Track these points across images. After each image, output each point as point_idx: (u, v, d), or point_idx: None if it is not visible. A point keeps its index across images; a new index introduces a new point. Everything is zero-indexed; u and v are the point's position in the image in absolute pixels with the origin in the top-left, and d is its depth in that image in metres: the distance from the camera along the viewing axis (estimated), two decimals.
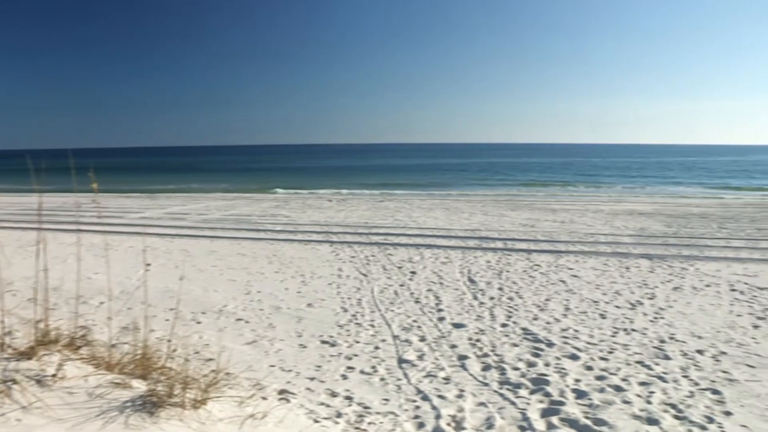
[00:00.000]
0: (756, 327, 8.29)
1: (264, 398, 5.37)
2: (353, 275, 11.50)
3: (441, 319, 8.52)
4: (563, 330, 8.04)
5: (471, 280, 11.06)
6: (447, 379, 6.23)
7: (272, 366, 6.58)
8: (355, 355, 6.99)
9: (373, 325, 8.18)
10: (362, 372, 6.45)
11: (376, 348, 7.26)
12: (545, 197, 34.93)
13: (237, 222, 20.32)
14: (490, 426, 5.15)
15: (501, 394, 5.84)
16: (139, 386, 4.31)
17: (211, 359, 6.15)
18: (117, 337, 5.36)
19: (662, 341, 7.60)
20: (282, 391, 5.79)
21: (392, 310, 8.95)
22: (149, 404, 4.06)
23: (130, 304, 8.49)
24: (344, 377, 6.29)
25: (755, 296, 10.07)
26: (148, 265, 12.17)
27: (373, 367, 6.61)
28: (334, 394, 5.81)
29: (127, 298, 8.95)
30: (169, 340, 5.07)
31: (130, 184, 47.02)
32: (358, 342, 7.49)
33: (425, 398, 5.72)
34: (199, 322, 8.27)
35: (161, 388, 4.19)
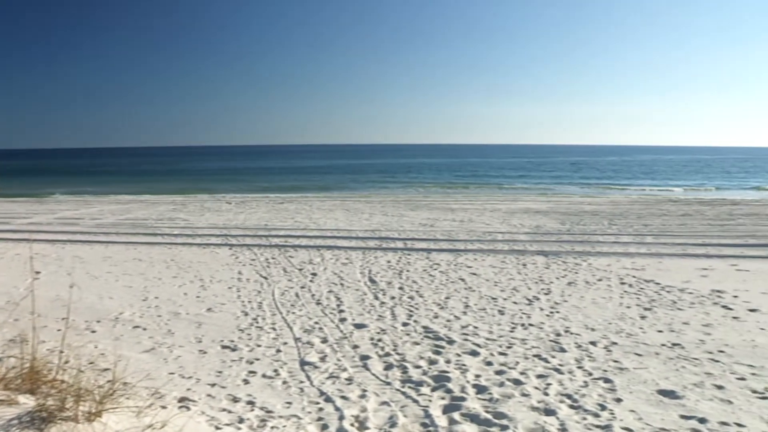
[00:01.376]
0: (643, 318, 8.68)
1: (163, 407, 5.22)
2: (253, 278, 11.36)
3: (342, 320, 8.52)
4: (463, 327, 8.18)
5: (372, 281, 11.12)
6: (350, 380, 6.24)
7: (172, 373, 6.41)
8: (257, 359, 6.90)
9: (274, 328, 8.10)
10: (264, 376, 6.37)
11: (278, 351, 7.19)
12: (444, 197, 35.53)
13: (133, 226, 19.73)
14: (393, 425, 5.19)
15: (403, 393, 5.89)
16: (27, 401, 4.11)
17: (106, 369, 5.93)
18: (2, 351, 5.10)
19: (558, 334, 7.85)
20: (182, 399, 5.66)
21: (294, 313, 8.89)
22: (38, 420, 3.87)
23: (16, 315, 8.09)
24: (246, 382, 6.20)
25: (642, 288, 10.55)
26: (37, 273, 11.66)
27: (275, 370, 6.54)
28: (235, 400, 5.71)
29: (13, 309, 8.52)
30: (61, 351, 4.86)
31: (16, 188, 44.84)
32: (259, 346, 7.39)
33: (328, 400, 5.71)
34: (93, 331, 7.98)
35: (52, 403, 4.00)
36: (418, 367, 6.64)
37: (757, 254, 14.42)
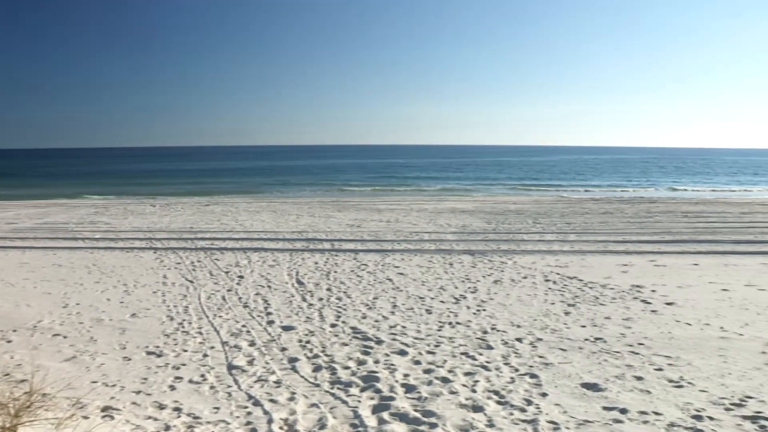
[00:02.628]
0: (567, 313, 8.90)
1: (85, 417, 5.09)
2: (179, 282, 11.16)
3: (270, 322, 8.45)
4: (391, 327, 8.22)
5: (299, 282, 11.06)
6: (278, 383, 6.19)
7: (94, 382, 6.23)
8: (183, 365, 6.78)
9: (201, 333, 7.98)
10: (191, 381, 6.26)
11: (205, 355, 7.08)
12: (371, 198, 35.61)
13: (52, 231, 19.10)
14: (323, 426, 5.17)
15: (332, 394, 5.88)
16: None
17: (23, 380, 5.74)
18: None
19: (485, 332, 7.97)
20: (105, 408, 5.51)
21: (220, 316, 8.77)
22: None
23: None
24: (172, 388, 6.08)
25: (566, 285, 10.81)
26: None
27: (203, 375, 6.44)
28: (161, 407, 5.60)
29: None
30: None
31: None
32: (185, 351, 7.27)
33: (257, 403, 5.65)
34: (9, 341, 7.70)
35: None
36: (347, 368, 6.65)
37: (672, 250, 14.94)
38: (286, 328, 8.14)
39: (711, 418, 5.28)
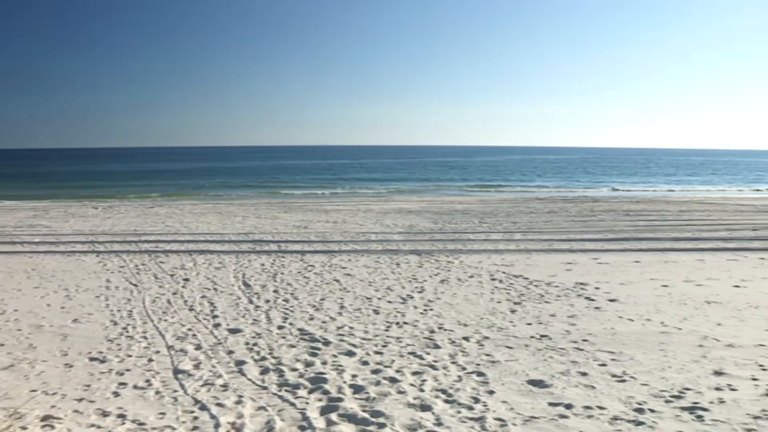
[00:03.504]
0: (513, 312, 9.02)
1: (23, 428, 4.97)
2: (123, 286, 10.95)
3: (217, 325, 8.36)
4: (339, 328, 8.22)
5: (246, 284, 10.97)
6: (225, 386, 6.12)
7: (33, 391, 6.06)
8: (128, 370, 6.65)
9: (145, 337, 7.84)
10: (136, 387, 6.15)
11: (150, 360, 6.96)
12: (318, 198, 35.53)
13: None
14: (271, 429, 5.14)
15: (280, 396, 5.85)
16: None
17: None
18: None
19: (432, 331, 8.02)
20: (45, 418, 5.37)
21: (166, 320, 8.63)
22: None
23: None
24: (116, 394, 5.96)
25: (512, 283, 10.95)
26: None
27: (147, 380, 6.33)
28: (105, 414, 5.49)
29: None
30: None
31: None
32: (130, 356, 7.13)
33: (203, 408, 5.58)
34: None
35: None
36: (294, 369, 6.61)
37: (615, 248, 15.26)
38: (233, 331, 8.06)
39: (652, 411, 5.41)
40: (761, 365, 6.66)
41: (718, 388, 5.96)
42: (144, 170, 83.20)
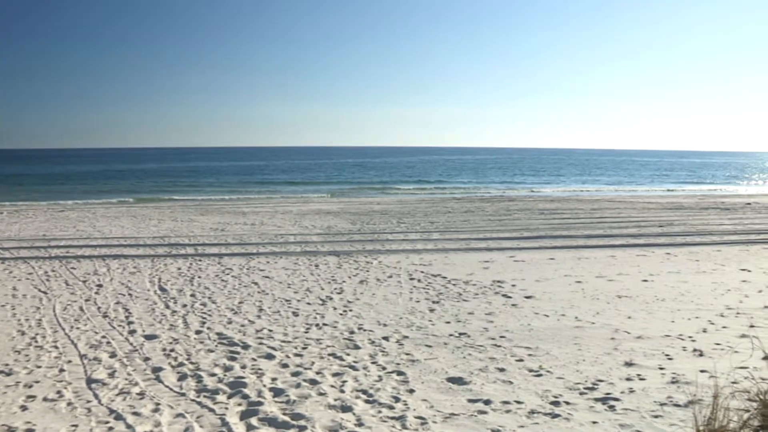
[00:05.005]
0: (432, 311, 9.11)
1: None
2: (31, 294, 10.54)
3: (132, 332, 8.14)
4: (258, 331, 8.13)
5: (162, 289, 10.73)
6: (142, 394, 5.97)
7: None
8: (37, 382, 6.39)
9: (56, 347, 7.56)
10: (46, 399, 5.91)
11: (61, 371, 6.71)
12: (235, 200, 35.05)
13: None
14: None
15: (199, 403, 5.74)
16: None
17: None
18: None
19: (352, 332, 8.02)
20: None
21: (78, 328, 8.35)
22: None
23: None
24: (24, 408, 5.71)
25: (430, 283, 11.06)
26: None
27: (59, 392, 6.10)
28: (11, 430, 5.26)
29: None
30: None
31: None
32: (39, 367, 6.85)
33: (119, 417, 5.42)
34: None
35: None
36: (213, 374, 6.50)
37: (530, 246, 15.62)
38: (150, 337, 7.88)
39: (567, 403, 5.55)
40: (667, 355, 6.95)
41: (628, 379, 6.18)
42: (51, 173, 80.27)
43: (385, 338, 7.74)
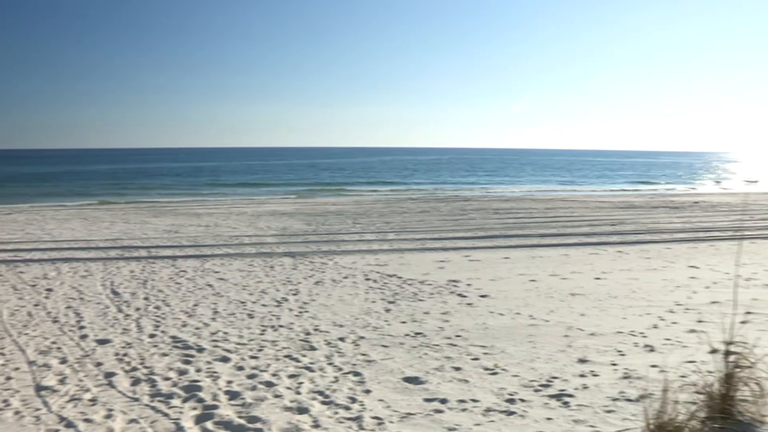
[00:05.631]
0: (388, 311, 9.12)
1: None
2: None
3: (84, 336, 7.99)
4: (213, 334, 8.04)
5: (114, 292, 10.55)
6: (93, 401, 5.86)
7: None
8: None
9: (3, 353, 7.37)
10: None
11: (8, 378, 6.54)
12: (189, 202, 34.64)
13: None
14: None
15: (153, 407, 5.66)
16: None
17: None
18: None
19: (308, 333, 7.99)
20: None
21: (26, 334, 8.16)
22: None
23: None
24: None
25: (386, 283, 11.07)
26: None
27: (5, 400, 5.94)
28: None
29: None
30: None
31: None
32: None
33: (70, 425, 5.31)
34: None
35: None
36: (167, 378, 6.41)
37: (485, 245, 15.74)
38: (102, 342, 7.73)
39: (522, 400, 5.61)
40: (619, 351, 7.07)
41: (582, 375, 6.26)
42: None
43: (341, 339, 7.72)
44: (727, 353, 4.93)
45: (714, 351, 6.14)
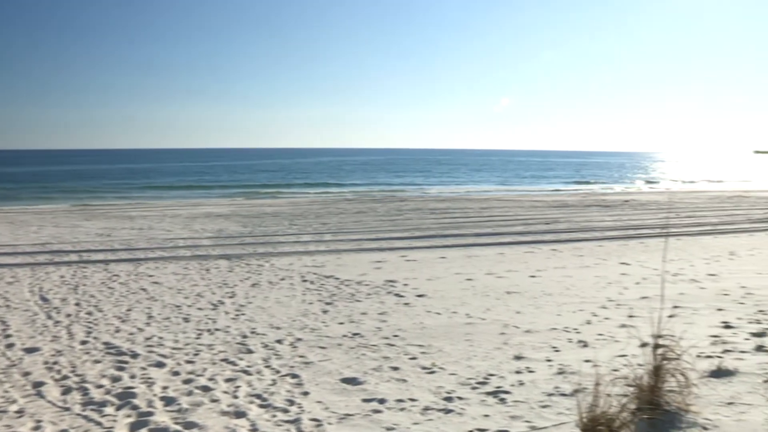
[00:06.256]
0: (325, 312, 9.10)
1: None
2: None
3: (10, 345, 7.72)
4: (147, 339, 7.89)
5: (43, 299, 10.25)
6: (20, 412, 5.66)
7: None
8: None
9: None
10: None
11: None
12: (121, 204, 33.89)
13: None
14: None
15: (85, 417, 5.51)
16: None
17: None
18: None
19: (245, 336, 7.90)
20: None
21: None
22: None
23: None
24: None
25: (323, 284, 11.04)
26: None
27: None
28: None
29: None
30: None
31: None
32: None
33: None
34: None
35: None
36: (100, 386, 6.25)
37: (422, 245, 15.85)
38: (30, 350, 7.50)
39: (460, 398, 5.66)
40: (554, 347, 7.20)
41: (518, 372, 6.36)
42: None
43: (279, 341, 7.66)
44: (656, 346, 5.09)
45: (644, 344, 6.33)
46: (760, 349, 6.77)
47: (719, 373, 5.90)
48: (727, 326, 7.87)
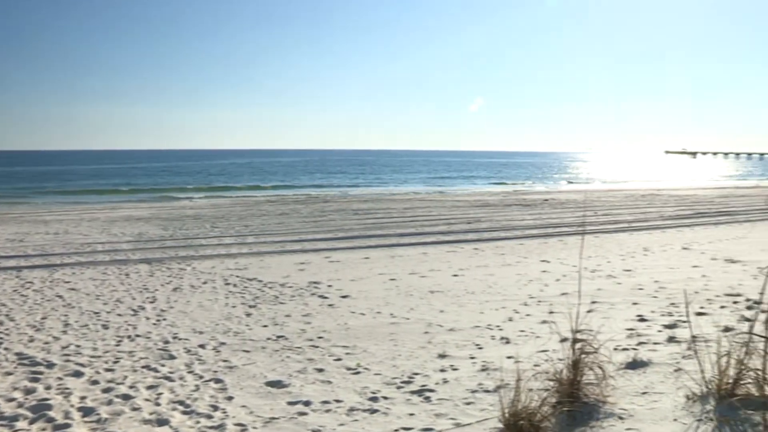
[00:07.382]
0: (249, 315, 9.01)
1: None
2: None
3: None
4: (64, 347, 7.64)
5: None
6: None
7: None
8: None
9: None
10: None
11: None
12: (35, 208, 32.68)
13: None
14: None
15: None
16: None
17: None
18: None
19: (167, 342, 7.75)
20: None
21: None
22: None
23: None
24: None
25: (246, 287, 10.93)
26: None
27: None
28: None
29: None
30: None
31: None
32: None
33: None
34: None
35: None
36: (12, 399, 6.00)
37: (345, 246, 15.86)
38: None
39: (385, 398, 5.68)
40: (477, 344, 7.31)
41: (442, 370, 6.42)
42: None
43: (202, 346, 7.55)
44: (574, 341, 5.21)
45: (563, 340, 6.49)
46: (671, 340, 7.03)
47: (634, 365, 6.09)
48: (642, 319, 8.13)
